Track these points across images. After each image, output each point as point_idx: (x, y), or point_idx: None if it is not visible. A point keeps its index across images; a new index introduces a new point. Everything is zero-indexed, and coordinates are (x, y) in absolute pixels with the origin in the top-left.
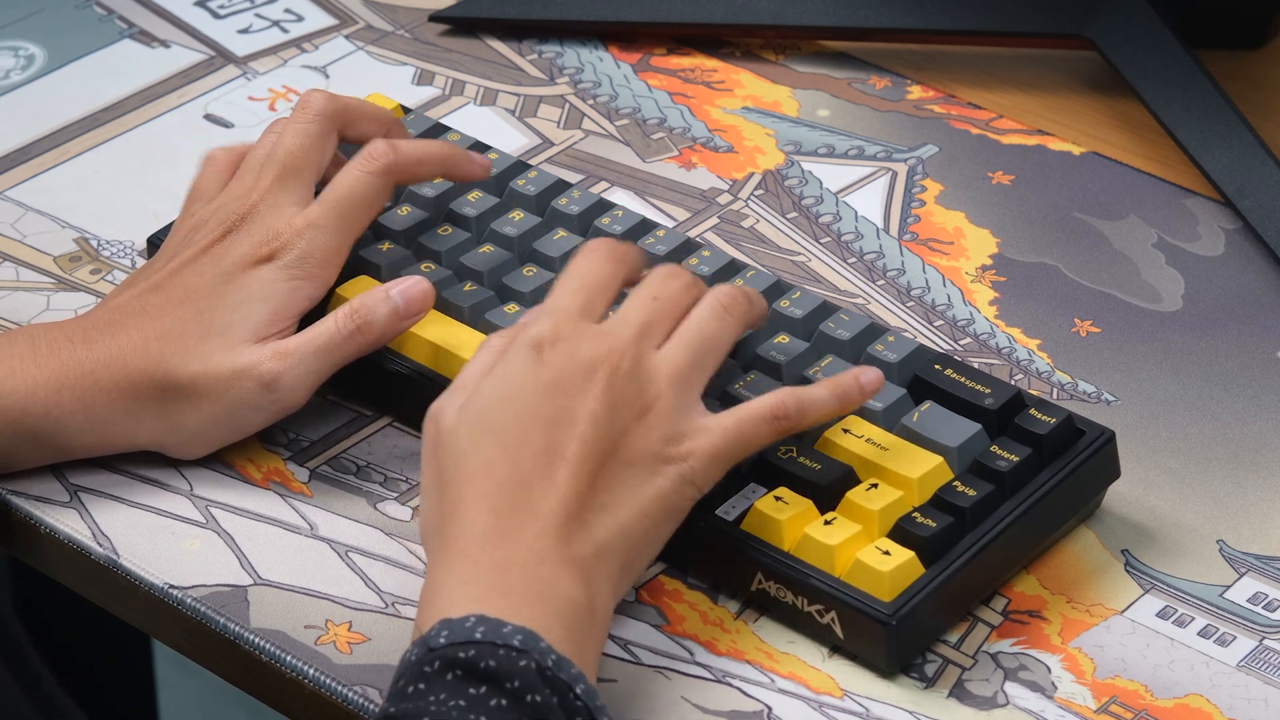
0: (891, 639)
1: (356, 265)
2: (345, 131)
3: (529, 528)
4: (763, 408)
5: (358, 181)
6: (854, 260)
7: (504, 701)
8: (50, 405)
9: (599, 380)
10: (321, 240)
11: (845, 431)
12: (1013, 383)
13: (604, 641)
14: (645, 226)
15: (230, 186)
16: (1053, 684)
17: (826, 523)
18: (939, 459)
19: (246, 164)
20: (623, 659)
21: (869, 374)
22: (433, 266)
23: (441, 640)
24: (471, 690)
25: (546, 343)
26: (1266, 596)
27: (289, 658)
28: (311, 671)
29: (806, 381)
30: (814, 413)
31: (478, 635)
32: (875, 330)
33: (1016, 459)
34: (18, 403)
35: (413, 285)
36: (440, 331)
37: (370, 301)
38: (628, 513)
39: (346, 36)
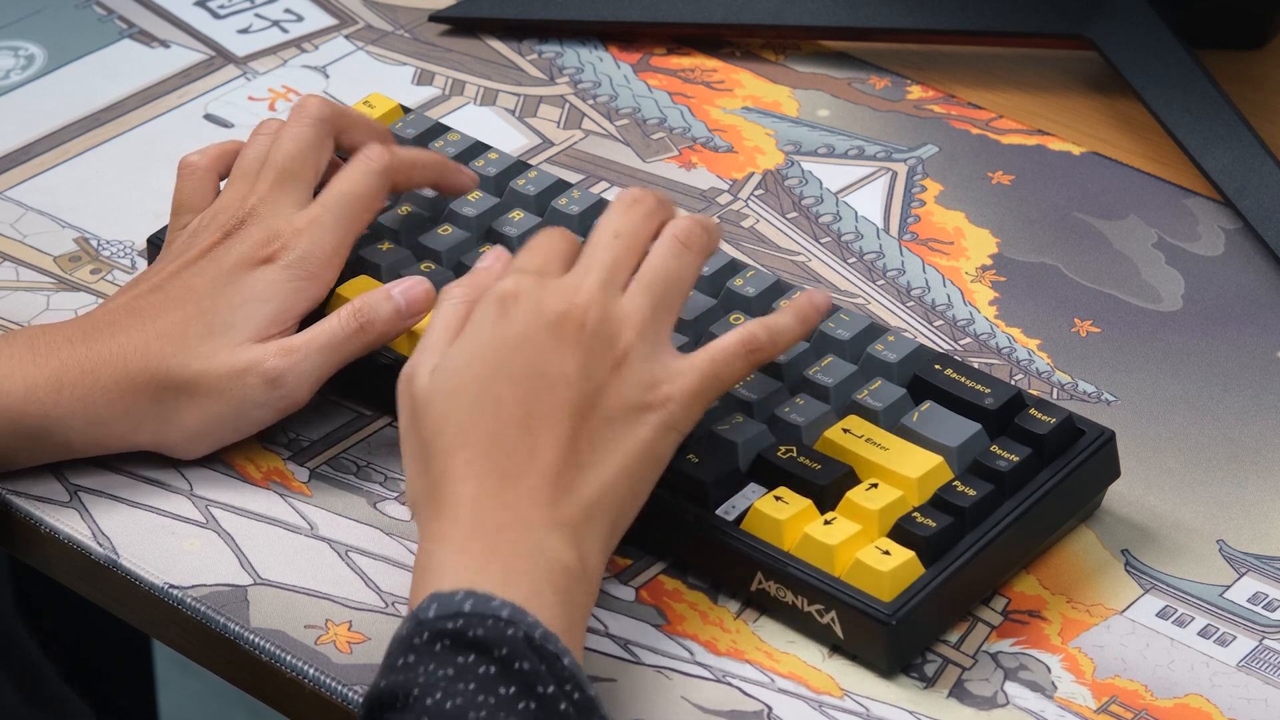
0: (891, 639)
1: (356, 265)
2: (339, 138)
3: (516, 493)
4: (733, 341)
5: (357, 181)
6: (854, 260)
7: (493, 669)
8: (50, 405)
9: (567, 337)
10: (323, 238)
11: (845, 431)
12: (1013, 383)
13: (594, 602)
14: None
15: (225, 192)
16: (1053, 684)
17: (826, 523)
18: (939, 459)
19: (240, 169)
20: (623, 659)
21: (818, 294)
22: (433, 266)
23: (430, 614)
24: (460, 659)
25: (510, 298)
26: (1266, 596)
27: (289, 657)
28: (311, 671)
29: (809, 382)
30: (783, 339)
31: (466, 608)
32: (875, 330)
33: (1016, 459)
34: (17, 402)
35: (414, 285)
36: None
37: (372, 301)
38: (612, 469)
39: (346, 36)
